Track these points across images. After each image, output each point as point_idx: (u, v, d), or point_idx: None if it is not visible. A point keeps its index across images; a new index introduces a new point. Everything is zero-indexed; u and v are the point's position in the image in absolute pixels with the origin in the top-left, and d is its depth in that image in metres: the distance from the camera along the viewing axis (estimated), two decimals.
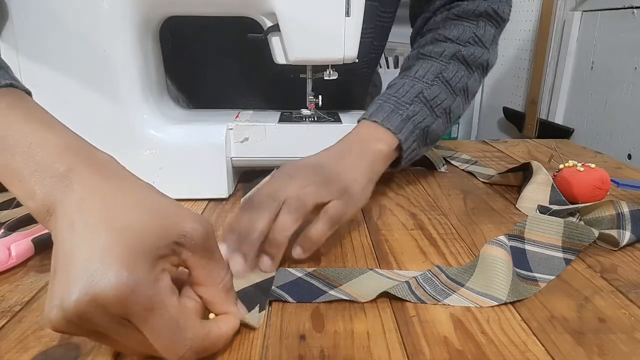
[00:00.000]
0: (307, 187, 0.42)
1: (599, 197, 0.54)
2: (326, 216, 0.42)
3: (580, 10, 1.49)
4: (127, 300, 0.24)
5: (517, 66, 1.89)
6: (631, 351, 0.31)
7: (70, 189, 0.27)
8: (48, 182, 0.28)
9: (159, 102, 0.60)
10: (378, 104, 0.56)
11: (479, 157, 0.78)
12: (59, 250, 0.26)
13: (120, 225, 0.26)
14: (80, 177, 0.28)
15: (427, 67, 0.58)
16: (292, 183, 0.42)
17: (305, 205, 0.41)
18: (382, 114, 0.54)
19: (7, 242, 0.42)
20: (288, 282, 0.39)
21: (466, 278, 0.39)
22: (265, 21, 0.56)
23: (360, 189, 0.46)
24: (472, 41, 0.60)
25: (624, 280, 0.40)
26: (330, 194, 0.43)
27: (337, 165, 0.46)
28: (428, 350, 0.31)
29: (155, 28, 0.59)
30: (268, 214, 0.40)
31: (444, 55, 0.59)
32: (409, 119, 0.54)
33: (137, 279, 0.25)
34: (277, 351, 0.31)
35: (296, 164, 0.46)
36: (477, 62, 0.60)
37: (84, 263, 0.24)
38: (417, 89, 0.56)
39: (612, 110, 1.35)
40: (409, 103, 0.55)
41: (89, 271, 0.24)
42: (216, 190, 0.58)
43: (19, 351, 0.31)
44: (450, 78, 0.58)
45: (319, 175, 0.44)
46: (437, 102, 0.56)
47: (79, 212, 0.27)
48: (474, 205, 0.57)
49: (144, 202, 0.28)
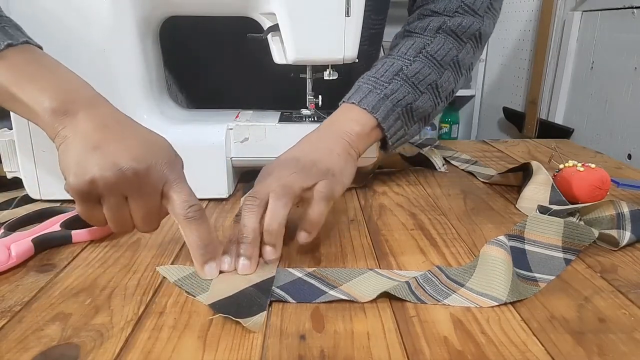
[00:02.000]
0: (289, 176, 0.44)
1: (599, 197, 0.54)
2: (319, 195, 0.44)
3: (580, 10, 1.48)
4: (140, 179, 0.37)
5: (517, 66, 1.89)
6: (631, 351, 0.31)
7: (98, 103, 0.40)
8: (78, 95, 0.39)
9: (159, 102, 0.60)
10: (357, 86, 0.56)
11: (479, 157, 0.78)
12: (94, 134, 0.37)
13: (148, 137, 0.40)
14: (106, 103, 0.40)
15: (410, 43, 0.58)
16: (272, 178, 0.44)
17: (292, 188, 0.43)
18: (360, 95, 0.54)
19: (7, 242, 0.42)
20: (288, 282, 0.39)
21: (466, 278, 0.39)
22: (265, 21, 0.56)
23: (340, 169, 0.47)
24: (460, 10, 0.58)
25: (624, 280, 0.40)
26: (313, 177, 0.45)
27: (312, 154, 0.47)
28: (428, 350, 0.31)
29: (155, 28, 0.59)
30: (255, 212, 0.41)
31: (428, 29, 0.58)
32: (387, 98, 0.54)
33: (147, 174, 0.37)
34: (277, 351, 0.31)
35: (272, 163, 0.47)
36: (467, 33, 0.58)
37: (126, 150, 0.37)
38: (397, 66, 0.56)
39: (612, 110, 1.34)
40: (388, 82, 0.55)
41: (130, 155, 0.36)
42: (216, 190, 0.58)
43: (19, 351, 0.31)
44: (435, 52, 0.57)
45: (297, 166, 0.45)
46: (419, 78, 0.56)
47: (111, 117, 0.39)
48: (474, 205, 0.57)
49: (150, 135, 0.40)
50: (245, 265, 0.40)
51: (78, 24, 0.51)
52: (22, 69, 0.39)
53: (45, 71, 0.40)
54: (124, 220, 0.39)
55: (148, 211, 0.39)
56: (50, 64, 0.41)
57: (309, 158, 0.46)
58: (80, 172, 0.36)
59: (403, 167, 0.72)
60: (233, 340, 0.32)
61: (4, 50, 0.39)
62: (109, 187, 0.36)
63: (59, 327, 0.33)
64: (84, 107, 0.38)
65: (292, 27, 0.54)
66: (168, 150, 0.40)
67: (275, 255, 0.42)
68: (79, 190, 0.36)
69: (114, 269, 0.42)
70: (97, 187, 0.36)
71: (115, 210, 0.38)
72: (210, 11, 0.58)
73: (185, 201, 0.38)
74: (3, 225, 0.45)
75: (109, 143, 0.37)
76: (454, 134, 2.39)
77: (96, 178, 0.36)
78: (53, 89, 0.38)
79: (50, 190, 0.56)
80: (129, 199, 0.38)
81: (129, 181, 0.36)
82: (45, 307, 0.36)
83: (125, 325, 0.33)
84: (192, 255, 0.40)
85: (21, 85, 0.38)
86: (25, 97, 0.38)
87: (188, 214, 0.38)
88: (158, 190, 0.38)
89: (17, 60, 0.40)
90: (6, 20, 0.42)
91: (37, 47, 0.42)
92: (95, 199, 0.38)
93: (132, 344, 0.32)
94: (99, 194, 0.37)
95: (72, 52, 0.52)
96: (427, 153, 0.72)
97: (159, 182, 0.38)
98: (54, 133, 0.38)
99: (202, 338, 0.32)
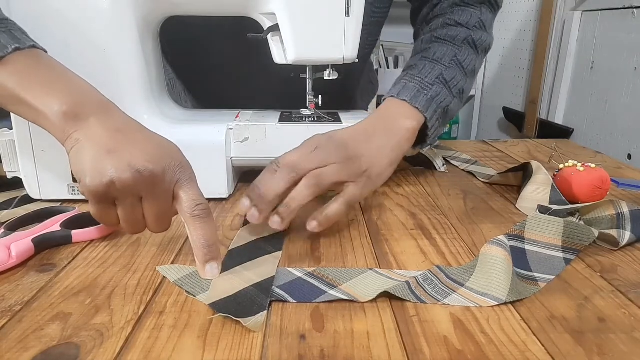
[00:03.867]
0: (329, 166, 0.46)
1: (599, 197, 0.54)
2: (344, 199, 0.46)
3: (580, 10, 1.48)
4: (155, 180, 0.38)
5: (517, 66, 1.89)
6: (631, 351, 0.31)
7: (109, 108, 0.41)
8: (89, 99, 0.40)
9: (159, 102, 0.60)
10: (403, 83, 0.58)
11: (479, 157, 0.78)
12: (107, 138, 0.38)
13: (160, 141, 0.41)
14: (116, 109, 0.41)
15: (444, 50, 0.61)
16: (316, 157, 0.46)
17: (323, 183, 0.45)
18: (410, 93, 0.57)
19: (7, 242, 0.42)
20: (288, 282, 0.39)
21: (466, 278, 0.39)
22: (265, 21, 0.56)
23: (378, 173, 0.50)
24: (478, 25, 0.64)
25: (624, 280, 0.40)
26: (349, 175, 0.47)
27: (362, 146, 0.50)
28: (428, 350, 0.31)
29: (155, 28, 0.59)
30: (286, 182, 0.44)
31: (457, 39, 0.62)
32: (432, 99, 0.57)
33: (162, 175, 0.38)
34: (277, 351, 0.31)
35: (325, 138, 0.49)
36: (483, 46, 0.64)
37: (141, 152, 0.38)
38: (438, 70, 0.59)
39: (612, 110, 1.34)
40: (432, 84, 0.58)
41: (145, 157, 0.37)
42: (216, 190, 0.58)
43: (19, 351, 0.31)
44: (464, 60, 0.61)
45: (343, 154, 0.47)
46: (454, 84, 0.60)
47: (123, 122, 0.40)
48: (474, 205, 0.57)
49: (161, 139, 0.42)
50: (254, 216, 0.44)
51: (78, 24, 0.51)
52: (31, 72, 0.40)
53: (54, 75, 0.41)
54: (137, 220, 0.40)
55: (161, 211, 0.40)
56: (58, 68, 0.42)
57: (358, 151, 0.49)
58: (97, 175, 0.37)
59: (403, 167, 0.72)
60: (233, 339, 0.32)
61: (12, 54, 0.39)
62: (125, 189, 0.37)
63: (59, 327, 0.33)
64: (95, 111, 0.39)
65: (292, 27, 0.54)
66: (179, 154, 0.41)
67: (280, 228, 0.44)
68: (96, 192, 0.37)
69: (114, 268, 0.42)
70: (115, 189, 0.37)
71: (129, 211, 0.39)
72: (210, 11, 0.58)
73: (193, 200, 0.39)
74: (3, 225, 0.45)
75: (123, 146, 0.38)
76: (454, 134, 2.39)
77: (114, 180, 0.37)
78: (63, 92, 0.39)
79: (50, 190, 0.56)
80: (143, 200, 0.39)
81: (146, 182, 0.37)
82: (45, 307, 0.36)
83: (125, 325, 0.33)
84: (195, 253, 0.40)
85: (30, 89, 0.39)
86: (35, 100, 0.38)
87: (194, 212, 0.39)
88: (171, 191, 0.39)
89: (25, 64, 0.40)
90: (11, 23, 0.43)
91: (43, 51, 0.43)
92: (111, 201, 0.39)
93: (132, 344, 0.32)
94: (115, 195, 0.38)
95: (73, 52, 0.52)
96: (427, 153, 0.72)
97: (172, 183, 0.39)
98: (64, 136, 0.38)
99: (202, 338, 0.32)
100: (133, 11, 0.53)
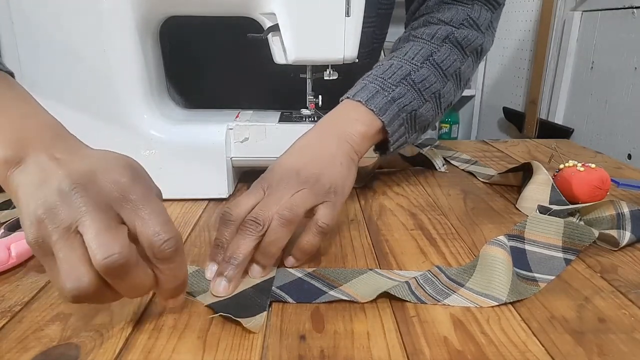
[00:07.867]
0: (293, 197, 0.41)
1: (599, 197, 0.54)
2: (317, 228, 0.42)
3: (580, 10, 1.49)
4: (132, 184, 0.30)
5: (517, 66, 1.89)
6: (631, 351, 0.31)
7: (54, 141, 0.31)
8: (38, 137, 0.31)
9: (159, 102, 0.60)
10: (363, 83, 0.54)
11: (479, 157, 0.78)
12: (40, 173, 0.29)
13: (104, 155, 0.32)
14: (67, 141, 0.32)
15: (417, 49, 0.56)
16: (274, 195, 0.41)
17: (297, 215, 0.40)
18: (367, 94, 0.52)
19: (7, 242, 0.42)
20: (288, 282, 0.39)
21: (466, 278, 0.39)
22: (265, 21, 0.56)
23: (342, 183, 0.45)
24: (466, 24, 0.57)
25: (624, 280, 0.40)
26: (317, 197, 0.42)
27: (314, 164, 0.44)
28: (428, 350, 0.31)
29: (155, 28, 0.59)
30: (255, 238, 0.39)
31: (436, 37, 0.57)
32: (394, 101, 0.52)
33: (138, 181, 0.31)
34: (277, 351, 0.31)
35: (271, 174, 0.44)
36: (471, 46, 0.58)
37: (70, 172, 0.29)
38: (405, 70, 0.54)
39: (612, 110, 1.35)
40: (396, 85, 0.53)
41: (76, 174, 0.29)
42: (216, 190, 0.58)
43: (19, 351, 0.31)
44: (442, 61, 0.56)
45: (301, 181, 0.42)
46: (425, 86, 0.54)
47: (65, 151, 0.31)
48: (474, 205, 0.57)
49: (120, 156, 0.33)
50: (224, 287, 0.37)
51: (78, 24, 0.51)
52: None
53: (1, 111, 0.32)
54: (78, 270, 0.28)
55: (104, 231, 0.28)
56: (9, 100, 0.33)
57: (312, 171, 0.43)
58: (29, 219, 0.28)
59: (403, 167, 0.72)
60: (233, 340, 0.32)
61: None
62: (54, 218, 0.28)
63: (59, 327, 0.33)
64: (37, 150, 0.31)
65: (292, 27, 0.54)
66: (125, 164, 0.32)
67: (262, 275, 0.40)
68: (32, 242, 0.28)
69: None
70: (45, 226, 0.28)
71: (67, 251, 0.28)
72: (210, 11, 0.58)
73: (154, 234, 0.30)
74: (3, 225, 0.45)
75: (53, 174, 0.29)
76: (454, 134, 2.39)
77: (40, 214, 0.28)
78: (5, 134, 0.31)
79: None
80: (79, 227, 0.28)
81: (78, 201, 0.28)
82: (45, 307, 0.36)
83: (125, 326, 0.33)
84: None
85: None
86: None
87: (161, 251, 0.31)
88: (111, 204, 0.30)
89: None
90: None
91: (8, 74, 0.35)
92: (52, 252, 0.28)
93: (132, 344, 0.32)
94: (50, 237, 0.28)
95: (72, 52, 0.52)
96: (427, 153, 0.72)
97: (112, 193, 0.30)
98: (7, 188, 0.31)
99: (202, 338, 0.32)
100: (133, 11, 0.53)
